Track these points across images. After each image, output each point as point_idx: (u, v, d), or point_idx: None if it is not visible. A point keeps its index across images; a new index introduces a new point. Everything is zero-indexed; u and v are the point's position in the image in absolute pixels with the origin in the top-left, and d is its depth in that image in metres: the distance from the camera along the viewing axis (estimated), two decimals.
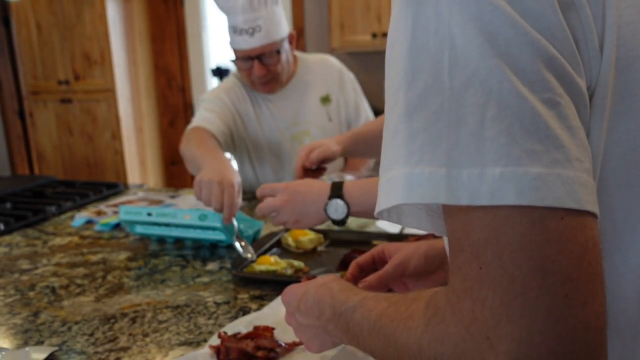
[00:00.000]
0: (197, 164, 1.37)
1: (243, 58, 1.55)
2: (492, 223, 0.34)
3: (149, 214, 1.29)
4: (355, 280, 0.84)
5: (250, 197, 1.74)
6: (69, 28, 3.55)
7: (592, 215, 0.35)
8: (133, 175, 3.72)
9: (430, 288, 0.43)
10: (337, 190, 0.98)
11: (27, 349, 0.87)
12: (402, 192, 0.37)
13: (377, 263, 0.86)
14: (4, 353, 0.86)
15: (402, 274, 0.80)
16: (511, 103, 0.35)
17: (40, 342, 0.90)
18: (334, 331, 0.59)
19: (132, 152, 3.72)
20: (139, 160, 3.81)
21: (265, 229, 1.40)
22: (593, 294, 0.33)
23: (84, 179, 2.93)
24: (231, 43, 1.56)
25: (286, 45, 1.59)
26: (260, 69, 1.54)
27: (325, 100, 1.74)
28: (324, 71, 1.75)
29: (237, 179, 1.21)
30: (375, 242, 1.25)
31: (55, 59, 3.63)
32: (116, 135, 3.61)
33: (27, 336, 0.92)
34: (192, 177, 4.56)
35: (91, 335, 0.92)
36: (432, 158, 0.36)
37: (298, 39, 3.35)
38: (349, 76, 1.81)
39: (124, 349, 0.87)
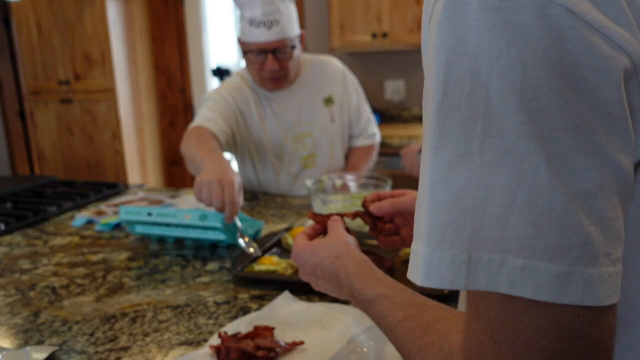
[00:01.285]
0: (197, 165, 1.37)
1: (257, 51, 1.55)
2: (509, 309, 0.34)
3: (149, 214, 1.29)
4: (376, 197, 0.89)
5: (251, 197, 1.74)
6: (69, 28, 3.55)
7: (611, 307, 0.34)
8: (133, 175, 3.72)
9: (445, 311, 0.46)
10: None
11: (27, 348, 0.87)
12: (422, 274, 0.37)
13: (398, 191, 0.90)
14: (4, 353, 0.86)
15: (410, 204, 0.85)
16: (544, 192, 0.33)
17: (40, 342, 0.90)
18: (353, 302, 0.64)
19: (132, 152, 3.72)
20: (139, 160, 3.81)
21: (265, 229, 1.40)
22: None
23: (85, 179, 2.93)
24: (245, 36, 1.55)
25: (298, 44, 1.61)
26: (274, 63, 1.55)
27: (329, 101, 1.75)
28: (327, 73, 1.76)
29: (237, 178, 1.21)
30: (376, 241, 1.25)
31: (55, 59, 3.63)
32: (116, 135, 3.61)
33: (28, 336, 0.93)
34: (192, 177, 4.54)
35: (91, 335, 0.92)
36: (454, 239, 0.35)
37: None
38: (352, 78, 1.82)
39: (124, 349, 0.87)
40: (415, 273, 0.38)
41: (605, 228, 0.34)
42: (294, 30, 1.56)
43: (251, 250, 1.17)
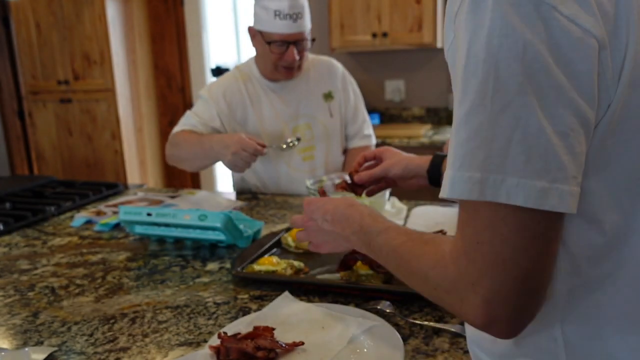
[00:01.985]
0: (205, 155, 1.60)
1: (280, 42, 1.61)
2: (495, 216, 0.48)
3: (149, 214, 1.29)
4: (358, 167, 1.14)
5: (251, 197, 1.74)
6: (68, 28, 3.54)
7: (563, 218, 0.49)
8: (133, 176, 3.72)
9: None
10: None
11: (26, 349, 0.87)
12: (448, 189, 0.51)
13: (377, 159, 1.14)
14: (3, 354, 0.85)
15: (385, 175, 1.10)
16: (533, 132, 0.47)
17: (39, 343, 0.90)
18: (355, 241, 0.80)
19: (131, 152, 3.72)
20: (138, 160, 3.80)
21: (265, 229, 1.40)
22: (547, 274, 0.50)
23: (84, 179, 2.92)
24: (268, 27, 1.60)
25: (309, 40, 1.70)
26: (294, 53, 1.62)
27: (328, 96, 1.80)
28: (328, 71, 1.82)
29: (243, 134, 1.52)
30: None
31: (54, 59, 3.63)
32: (116, 135, 3.61)
33: (27, 336, 0.92)
34: (192, 177, 4.51)
35: (91, 335, 0.92)
36: (471, 165, 0.49)
37: None
38: (351, 79, 1.88)
39: (124, 350, 0.87)
40: (444, 189, 0.52)
41: (574, 159, 0.47)
42: (310, 23, 1.67)
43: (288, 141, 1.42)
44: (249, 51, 3.92)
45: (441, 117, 3.30)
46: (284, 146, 1.65)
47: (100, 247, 1.36)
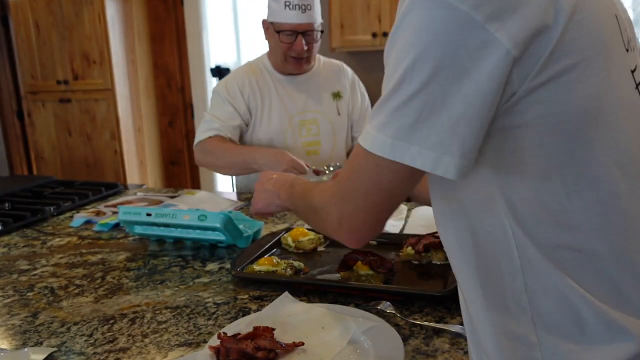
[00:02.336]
0: (245, 166, 1.65)
1: (290, 32, 1.65)
2: (379, 164, 0.59)
3: (148, 214, 1.28)
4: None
5: (251, 197, 1.74)
6: (67, 28, 3.54)
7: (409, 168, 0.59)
8: (132, 176, 3.71)
9: None
10: None
11: (26, 349, 0.86)
12: (368, 145, 0.60)
13: None
14: (2, 354, 0.85)
15: None
16: (436, 113, 0.55)
17: (39, 343, 0.90)
18: (284, 197, 0.96)
19: (131, 152, 3.71)
20: (138, 160, 3.80)
21: (265, 229, 1.40)
22: (390, 207, 0.65)
23: (83, 179, 2.92)
24: (279, 17, 1.65)
25: (319, 32, 1.73)
26: (303, 44, 1.66)
27: (337, 95, 1.83)
28: (340, 73, 1.87)
29: (289, 154, 1.59)
30: (376, 242, 1.25)
31: (54, 59, 3.62)
32: (115, 135, 3.60)
33: (26, 337, 0.92)
34: (192, 177, 4.49)
35: (90, 336, 0.91)
36: (388, 132, 0.58)
37: None
38: (361, 84, 1.93)
39: (123, 350, 0.86)
40: (364, 142, 0.60)
41: (464, 139, 0.54)
42: (320, 18, 1.70)
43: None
44: (249, 51, 3.92)
45: None
46: (326, 171, 1.61)
47: (99, 247, 1.36)
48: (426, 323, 0.88)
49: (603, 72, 0.56)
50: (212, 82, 3.93)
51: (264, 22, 1.72)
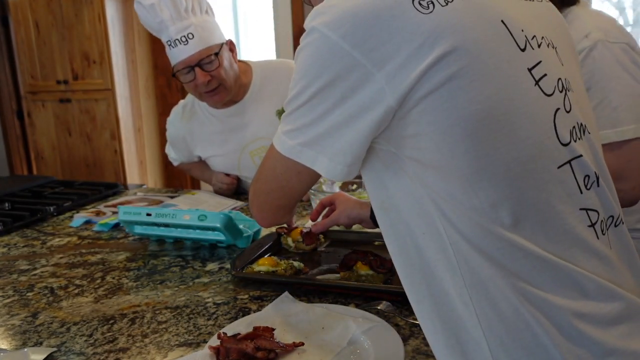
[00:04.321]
0: (208, 182, 1.86)
1: (185, 70, 1.53)
2: (282, 161, 0.70)
3: (148, 214, 1.28)
4: (317, 216, 1.26)
5: None
6: (67, 27, 3.54)
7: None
8: (132, 176, 3.71)
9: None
10: None
11: (25, 350, 0.86)
12: (279, 147, 0.71)
13: (332, 205, 1.25)
14: (2, 354, 0.85)
15: (336, 222, 1.22)
16: (326, 125, 0.65)
17: (39, 343, 0.90)
18: None
19: (131, 152, 3.71)
20: (138, 160, 3.80)
21: (265, 229, 1.40)
22: (283, 196, 0.79)
23: (83, 179, 2.92)
24: (171, 60, 1.55)
25: (226, 52, 1.58)
26: (203, 75, 1.52)
27: (281, 113, 1.71)
28: (279, 80, 1.69)
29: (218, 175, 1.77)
30: (376, 242, 1.25)
31: (53, 59, 3.62)
32: (115, 135, 3.60)
33: (26, 337, 0.92)
34: (192, 178, 4.50)
35: (90, 336, 0.91)
36: (296, 138, 0.68)
37: (297, 38, 3.33)
38: None
39: (123, 350, 0.86)
40: (277, 143, 0.71)
41: (346, 147, 0.64)
42: (214, 39, 1.54)
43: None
44: (249, 51, 3.92)
45: None
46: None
47: (99, 247, 1.36)
48: (420, 323, 0.88)
49: (489, 76, 0.60)
50: None
51: (172, 74, 1.61)
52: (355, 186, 1.53)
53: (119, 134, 3.59)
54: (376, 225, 1.12)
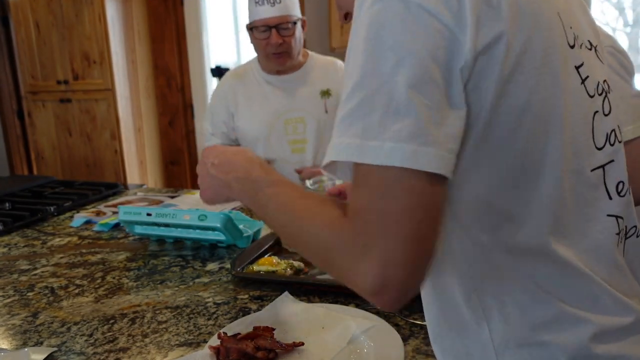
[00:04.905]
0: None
1: (262, 28, 1.69)
2: (384, 177, 0.50)
3: (149, 214, 1.28)
4: None
5: None
6: (68, 28, 3.54)
7: (443, 179, 0.51)
8: (132, 176, 3.71)
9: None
10: None
11: (26, 349, 0.87)
12: (333, 154, 0.53)
13: (342, 195, 1.08)
14: (2, 354, 0.85)
15: None
16: (403, 108, 0.50)
17: (39, 343, 0.90)
18: (237, 189, 0.73)
19: (131, 152, 3.71)
20: (138, 160, 3.80)
21: (265, 229, 1.40)
22: (435, 236, 0.51)
23: (83, 179, 2.92)
24: (251, 16, 1.71)
25: (299, 26, 1.75)
26: (277, 37, 1.69)
27: (326, 93, 1.85)
28: (330, 71, 1.87)
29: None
30: None
31: (54, 59, 3.62)
32: (115, 135, 3.60)
33: (26, 337, 0.92)
34: (192, 177, 4.49)
35: (90, 336, 0.91)
36: (354, 133, 0.52)
37: None
38: None
39: (124, 350, 0.86)
40: (329, 155, 0.54)
41: (439, 127, 0.51)
42: (295, 11, 1.73)
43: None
44: (249, 51, 3.92)
45: None
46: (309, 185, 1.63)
47: (99, 247, 1.36)
48: (426, 323, 0.88)
49: (544, 69, 0.56)
50: (212, 82, 3.93)
51: (246, 26, 1.77)
52: None
53: (119, 134, 3.59)
54: None
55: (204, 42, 3.89)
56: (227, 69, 3.59)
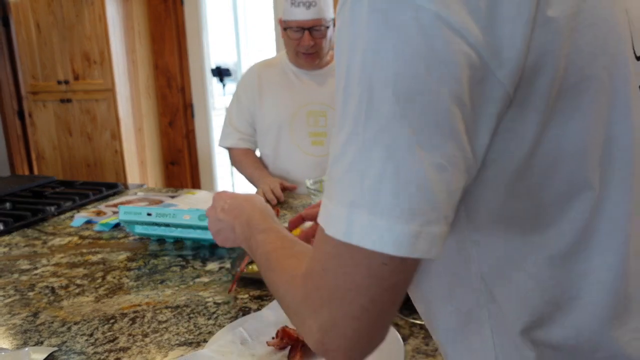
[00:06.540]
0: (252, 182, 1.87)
1: (296, 28, 1.74)
2: (341, 250, 0.43)
3: (149, 214, 1.29)
4: (294, 225, 1.00)
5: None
6: (68, 28, 3.54)
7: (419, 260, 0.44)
8: (132, 175, 3.72)
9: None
10: None
11: (26, 349, 0.87)
12: (322, 218, 0.46)
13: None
14: (3, 354, 0.85)
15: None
16: (405, 166, 0.40)
17: (39, 343, 0.90)
18: (239, 234, 0.78)
19: (131, 152, 3.71)
20: (138, 160, 3.80)
21: None
22: (389, 314, 0.47)
23: (84, 179, 2.92)
24: (287, 15, 1.75)
25: (332, 27, 1.79)
26: (310, 39, 1.74)
27: None
28: None
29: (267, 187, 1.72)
30: None
31: (54, 59, 3.63)
32: (116, 135, 3.61)
33: (27, 336, 0.92)
34: (192, 177, 4.49)
35: (91, 335, 0.92)
36: (340, 200, 0.43)
37: None
38: None
39: (124, 350, 0.87)
40: (321, 219, 0.46)
41: (449, 197, 0.41)
42: (329, 13, 1.76)
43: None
44: (249, 51, 3.92)
45: None
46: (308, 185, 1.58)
47: (100, 247, 1.36)
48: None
49: (605, 99, 0.46)
50: (212, 82, 3.93)
51: (279, 20, 1.81)
52: None
53: (120, 134, 3.59)
54: None
55: (204, 42, 3.89)
56: (227, 69, 3.60)
